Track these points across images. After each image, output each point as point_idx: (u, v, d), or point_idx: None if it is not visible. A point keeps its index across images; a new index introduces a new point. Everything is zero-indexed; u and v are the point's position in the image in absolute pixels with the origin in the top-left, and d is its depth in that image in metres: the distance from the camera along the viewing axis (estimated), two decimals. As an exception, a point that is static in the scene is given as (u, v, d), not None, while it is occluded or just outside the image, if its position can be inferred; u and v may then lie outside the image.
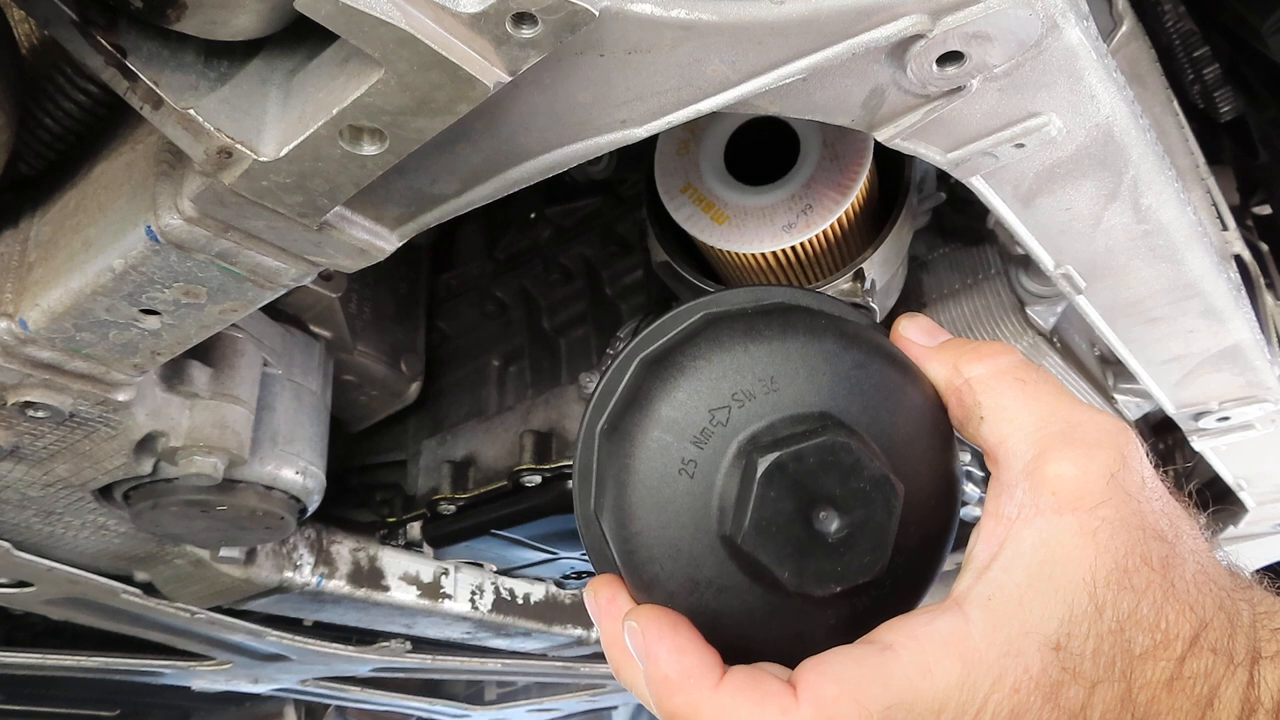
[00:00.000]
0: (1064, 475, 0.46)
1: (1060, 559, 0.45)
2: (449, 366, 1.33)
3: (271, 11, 0.49)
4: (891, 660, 0.45)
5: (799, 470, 0.47)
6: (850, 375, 0.50)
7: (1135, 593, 0.45)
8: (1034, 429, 0.48)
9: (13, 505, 0.96)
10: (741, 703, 0.45)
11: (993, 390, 0.50)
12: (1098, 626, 0.45)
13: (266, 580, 1.23)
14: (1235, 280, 0.85)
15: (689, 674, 0.46)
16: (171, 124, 0.52)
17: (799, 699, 0.45)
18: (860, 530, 0.47)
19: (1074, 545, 0.45)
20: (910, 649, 0.45)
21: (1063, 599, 0.45)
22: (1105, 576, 0.45)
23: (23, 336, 0.69)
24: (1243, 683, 0.45)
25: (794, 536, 0.47)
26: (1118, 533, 0.46)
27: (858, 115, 0.58)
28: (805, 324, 0.50)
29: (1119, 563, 0.45)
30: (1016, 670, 0.44)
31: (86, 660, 1.61)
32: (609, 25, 0.49)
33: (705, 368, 0.49)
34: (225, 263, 0.64)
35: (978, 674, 0.44)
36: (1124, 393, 1.12)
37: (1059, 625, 0.45)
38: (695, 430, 0.49)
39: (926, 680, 0.44)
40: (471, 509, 1.17)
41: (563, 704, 2.50)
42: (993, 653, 0.45)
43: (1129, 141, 0.63)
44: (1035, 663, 0.45)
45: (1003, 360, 0.51)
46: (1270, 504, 1.31)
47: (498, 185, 0.62)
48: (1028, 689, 0.44)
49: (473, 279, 1.35)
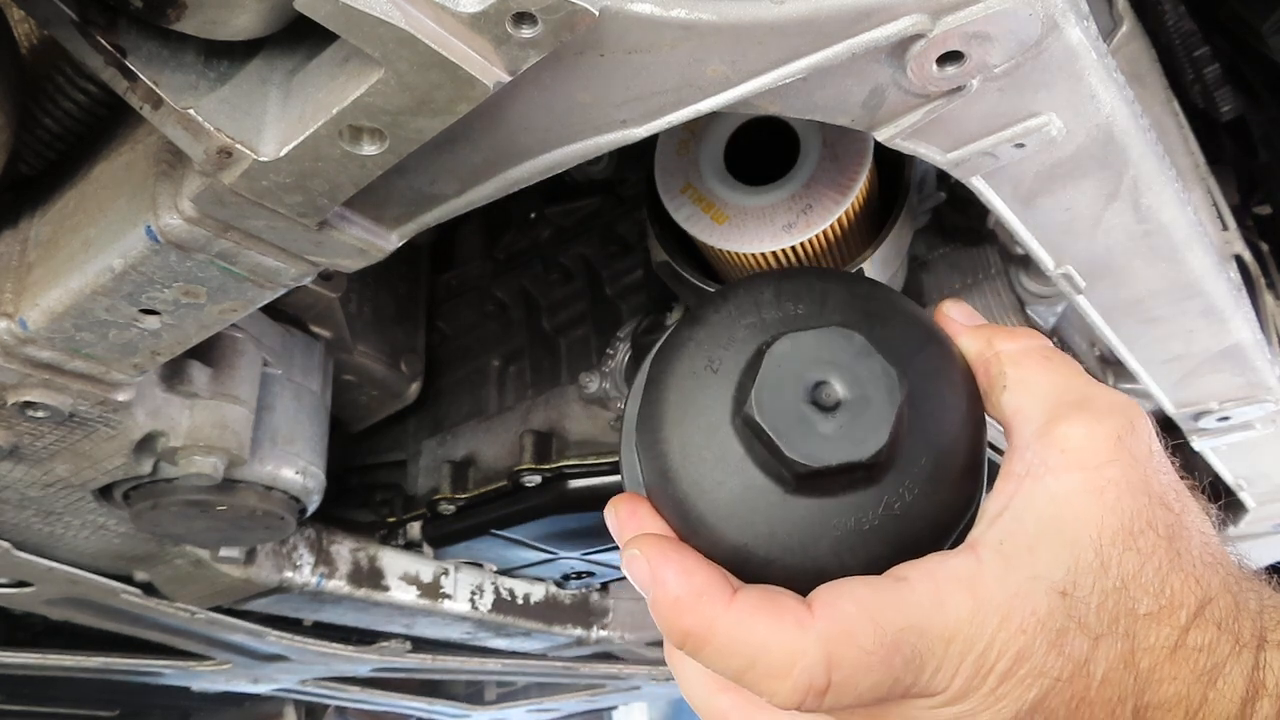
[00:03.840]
0: (1073, 435, 0.48)
1: (1068, 513, 0.47)
2: (449, 366, 1.33)
3: (271, 11, 0.49)
4: (906, 590, 0.46)
5: (806, 351, 0.50)
6: (879, 316, 0.53)
7: (1140, 554, 0.46)
8: (1050, 397, 0.51)
9: (13, 505, 0.96)
10: (758, 617, 0.45)
11: (1018, 363, 0.53)
12: (1102, 582, 0.46)
13: (266, 580, 1.23)
14: (1235, 280, 0.85)
15: (699, 592, 0.46)
16: (171, 124, 0.52)
17: (815, 614, 0.45)
18: (861, 410, 0.49)
19: (1081, 501, 0.47)
20: (925, 583, 0.46)
21: (1070, 550, 0.46)
22: (1111, 535, 0.46)
23: (22, 336, 0.69)
24: (1248, 665, 0.46)
25: (797, 410, 0.49)
26: (1124, 494, 0.47)
27: (858, 115, 0.58)
28: (843, 277, 0.56)
29: (1124, 523, 0.46)
30: (1024, 611, 0.45)
31: (86, 660, 1.61)
32: (609, 25, 0.49)
33: (744, 293, 0.55)
34: (225, 263, 0.64)
35: (987, 611, 0.45)
36: (1124, 393, 1.12)
37: (1065, 573, 0.46)
38: (725, 336, 0.53)
39: (939, 611, 0.45)
40: (471, 509, 1.17)
41: (563, 704, 2.50)
42: (1002, 593, 0.46)
43: (1129, 141, 0.63)
44: (1042, 606, 0.46)
45: (1032, 341, 0.54)
46: (1270, 504, 1.31)
47: (498, 185, 0.62)
48: (1034, 630, 0.45)
49: (473, 279, 1.35)
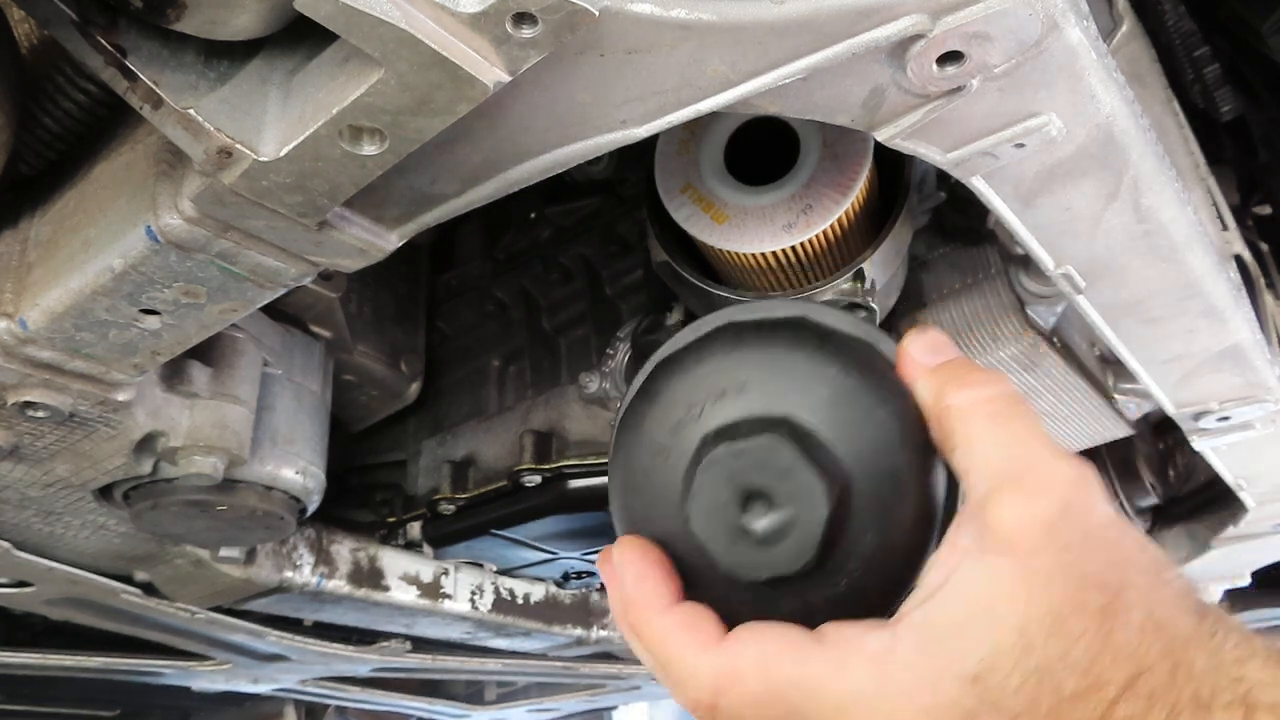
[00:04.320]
0: (1004, 519, 0.48)
1: (996, 598, 0.47)
2: (449, 366, 1.33)
3: (271, 11, 0.49)
4: (814, 650, 0.50)
5: (737, 465, 0.51)
6: (826, 385, 0.53)
7: (1067, 638, 0.46)
8: (991, 465, 0.50)
9: (13, 505, 0.96)
10: (675, 634, 0.52)
11: (967, 420, 0.51)
12: (1023, 664, 0.46)
13: (266, 580, 1.23)
14: (1235, 280, 0.85)
15: (644, 597, 0.53)
16: (171, 124, 0.52)
17: (720, 646, 0.51)
18: (790, 526, 0.51)
19: (1009, 587, 0.47)
20: (836, 650, 0.49)
21: (990, 637, 0.47)
22: (1039, 620, 0.47)
23: (23, 336, 0.69)
24: None
25: (729, 524, 0.52)
26: (1054, 580, 0.47)
27: (858, 115, 0.58)
28: (796, 335, 0.54)
29: (1052, 609, 0.47)
30: (927, 695, 0.47)
31: (86, 660, 1.61)
32: (609, 25, 0.49)
33: (694, 369, 0.55)
34: (225, 263, 0.64)
35: (889, 690, 0.48)
36: (1124, 393, 1.12)
37: (980, 660, 0.47)
38: (672, 422, 0.54)
39: (836, 679, 0.49)
40: (471, 509, 1.17)
41: (563, 704, 2.50)
42: (909, 675, 0.48)
43: (1129, 141, 0.63)
44: (951, 691, 0.47)
45: (985, 391, 0.52)
46: (1270, 504, 1.31)
47: (498, 185, 0.62)
48: (939, 713, 0.47)
49: (473, 279, 1.35)
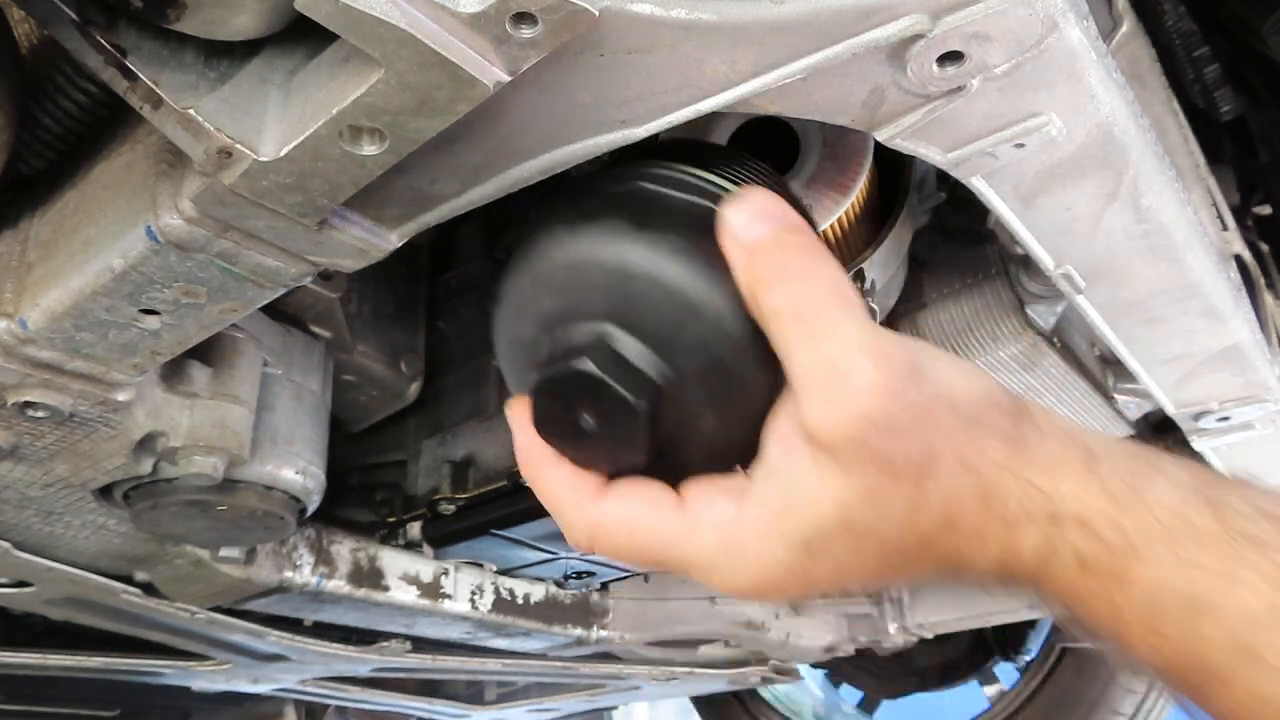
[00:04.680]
0: (814, 420, 0.53)
1: (819, 480, 0.54)
2: (449, 366, 1.33)
3: (271, 11, 0.49)
4: (672, 511, 0.58)
5: (558, 388, 0.57)
6: (643, 283, 0.55)
7: (884, 503, 0.54)
8: (802, 369, 0.54)
9: (13, 505, 0.96)
10: (561, 486, 0.60)
11: (778, 323, 0.55)
12: (847, 531, 0.54)
13: (266, 580, 1.23)
14: (1235, 280, 0.85)
15: (534, 454, 0.62)
16: (171, 124, 0.52)
17: (595, 501, 0.59)
18: (617, 434, 0.57)
19: (828, 472, 0.54)
20: (691, 513, 0.57)
21: (817, 514, 0.54)
22: (857, 497, 0.53)
23: (23, 336, 0.69)
24: (997, 547, 0.53)
25: (569, 431, 0.58)
26: (866, 465, 0.53)
27: (858, 115, 0.58)
28: (619, 218, 0.56)
29: (867, 485, 0.53)
30: (765, 556, 0.55)
31: (86, 660, 1.61)
32: (609, 25, 0.49)
33: (537, 265, 0.58)
34: (225, 263, 0.64)
35: (732, 550, 0.56)
36: (1124, 393, 1.12)
37: (808, 530, 0.54)
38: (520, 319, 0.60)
39: (689, 538, 0.57)
40: (471, 509, 1.17)
41: (563, 704, 2.50)
42: (748, 538, 0.56)
43: (1129, 141, 0.63)
44: (782, 553, 0.55)
45: (795, 291, 0.54)
46: (1270, 504, 1.31)
47: (498, 185, 0.62)
48: (774, 568, 0.55)
49: (473, 279, 1.35)
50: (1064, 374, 1.02)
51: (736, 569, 0.56)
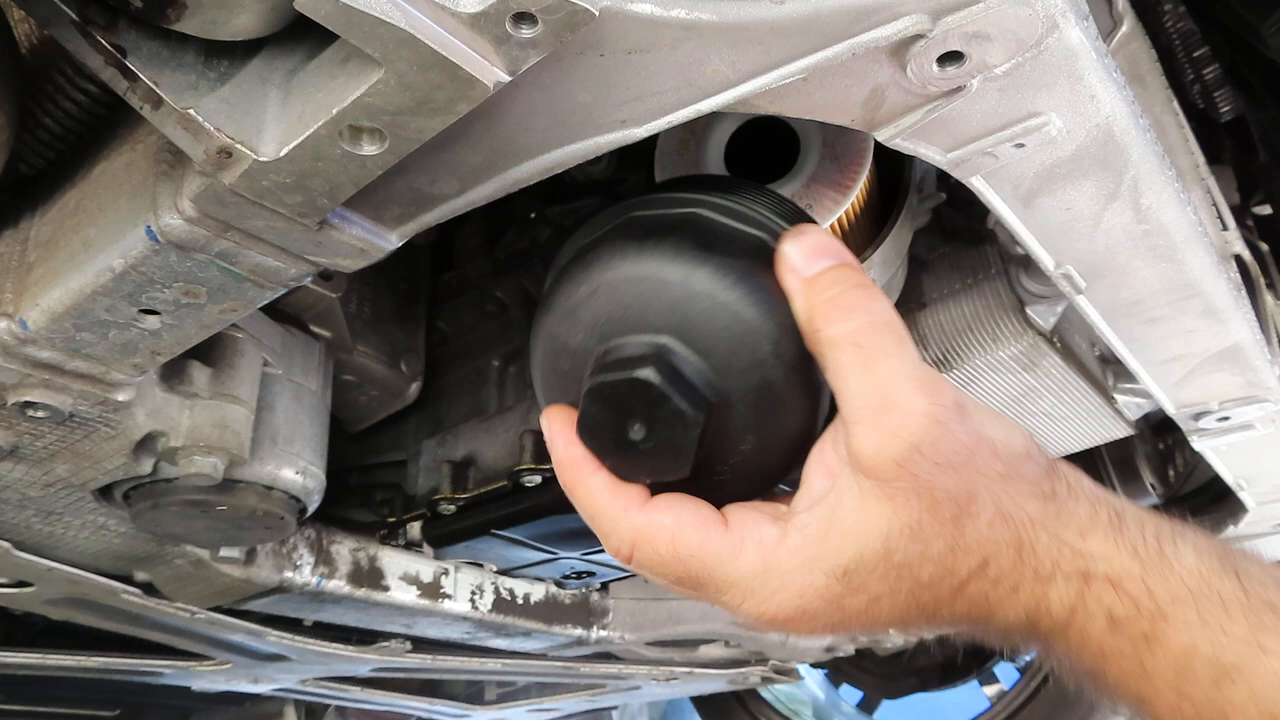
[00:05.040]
0: (864, 450, 0.55)
1: (864, 513, 0.55)
2: (449, 366, 1.33)
3: (271, 11, 0.49)
4: (717, 528, 0.58)
5: (614, 395, 0.58)
6: (702, 302, 0.57)
7: (924, 541, 0.55)
8: (855, 399, 0.55)
9: (13, 505, 0.96)
10: (603, 494, 0.60)
11: (835, 350, 0.56)
12: (885, 563, 0.55)
13: (266, 580, 1.23)
14: (1235, 280, 0.85)
15: (576, 461, 0.61)
16: (171, 124, 0.52)
17: (640, 510, 0.59)
18: (664, 444, 0.58)
19: (874, 504, 0.55)
20: (734, 534, 0.58)
21: (858, 544, 0.55)
22: (899, 531, 0.55)
23: (23, 336, 0.69)
24: (1026, 598, 0.55)
25: (614, 439, 0.59)
26: (910, 500, 0.54)
27: (858, 115, 0.58)
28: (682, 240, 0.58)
29: (911, 521, 0.55)
30: (803, 583, 0.56)
31: (86, 660, 1.61)
32: (609, 25, 0.49)
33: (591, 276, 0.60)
34: (225, 263, 0.64)
35: (771, 575, 0.57)
36: (1124, 393, 1.12)
37: (848, 559, 0.55)
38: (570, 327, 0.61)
39: (730, 561, 0.57)
40: (471, 509, 1.17)
41: (563, 704, 2.50)
42: (789, 564, 0.56)
43: (1129, 141, 0.63)
44: (820, 581, 0.56)
45: (853, 323, 0.56)
46: (1270, 504, 1.31)
47: (498, 185, 0.62)
48: (811, 596, 0.56)
49: (473, 279, 1.35)
50: (1064, 374, 1.02)
51: (774, 593, 0.57)
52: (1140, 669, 0.52)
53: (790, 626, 0.58)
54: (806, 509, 0.58)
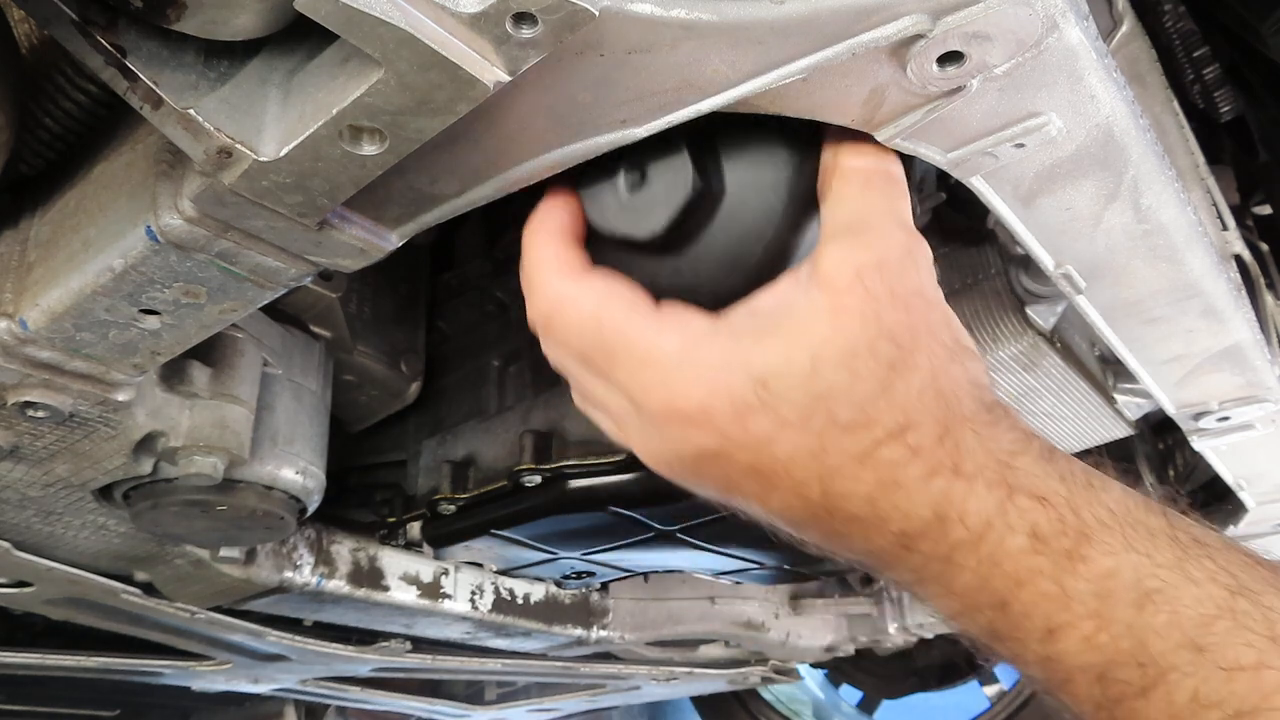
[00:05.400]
0: (828, 259, 0.54)
1: (801, 322, 0.54)
2: (449, 366, 1.33)
3: (271, 11, 0.49)
4: (647, 308, 0.57)
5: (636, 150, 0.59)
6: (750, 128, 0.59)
7: (852, 374, 0.52)
8: (842, 219, 0.56)
9: (13, 505, 0.96)
10: (549, 252, 0.62)
11: (844, 179, 0.57)
12: (809, 386, 0.52)
13: (266, 580, 1.23)
14: (1235, 280, 0.85)
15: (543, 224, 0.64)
16: (171, 124, 0.52)
17: (575, 276, 0.59)
18: (652, 199, 0.59)
19: (813, 316, 0.53)
20: (665, 316, 0.57)
21: (785, 351, 0.53)
22: (831, 351, 0.52)
23: (23, 336, 0.69)
24: (939, 490, 0.51)
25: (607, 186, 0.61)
26: (854, 320, 0.53)
27: (857, 115, 0.58)
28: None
29: (847, 345, 0.52)
30: (717, 380, 0.54)
31: (86, 660, 1.61)
32: (609, 25, 0.49)
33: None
34: (225, 263, 0.64)
35: (688, 362, 0.55)
36: (1124, 393, 1.12)
37: (772, 368, 0.53)
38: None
39: (652, 337, 0.56)
40: (471, 509, 1.17)
41: (563, 704, 2.50)
42: (711, 356, 0.54)
43: (1129, 141, 0.63)
44: (736, 383, 0.53)
45: (872, 163, 0.58)
46: (1270, 504, 1.31)
47: (498, 185, 0.62)
48: (721, 397, 0.53)
49: (473, 279, 1.35)
50: (1064, 374, 1.02)
51: (685, 382, 0.54)
52: (1060, 592, 0.49)
53: (685, 428, 0.55)
54: (745, 315, 0.56)
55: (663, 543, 1.21)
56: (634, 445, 0.61)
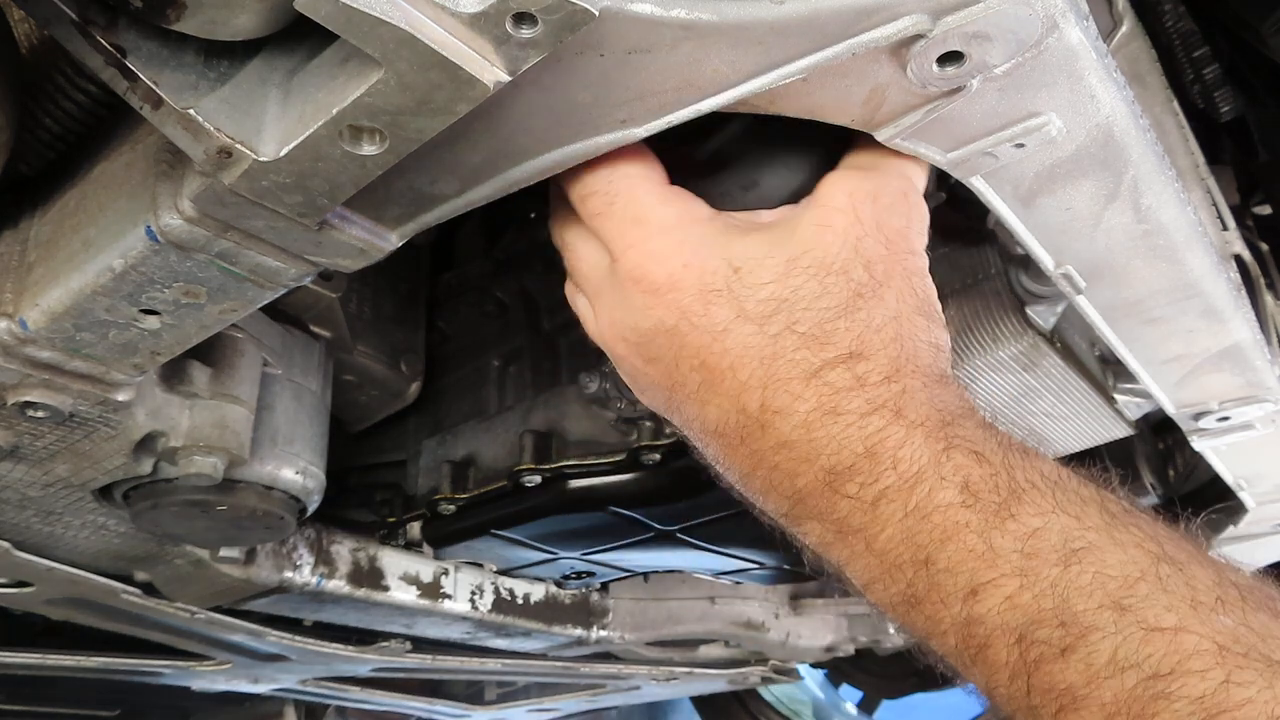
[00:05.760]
0: (829, 183, 0.57)
1: (787, 230, 0.57)
2: (449, 366, 1.33)
3: (271, 11, 0.49)
4: (659, 179, 0.60)
5: None
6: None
7: (821, 287, 0.54)
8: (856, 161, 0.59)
9: (13, 505, 0.96)
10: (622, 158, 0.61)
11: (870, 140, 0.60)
12: (777, 286, 0.54)
13: (266, 580, 1.23)
14: (1235, 280, 0.85)
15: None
16: (171, 124, 0.52)
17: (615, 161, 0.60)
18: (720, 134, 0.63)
19: (799, 228, 0.56)
20: (674, 191, 0.60)
21: (765, 249, 0.56)
22: (806, 261, 0.55)
23: (23, 336, 0.69)
24: (875, 428, 0.52)
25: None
26: (836, 239, 0.55)
27: (857, 115, 0.58)
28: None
29: (822, 260, 0.55)
30: (696, 254, 0.56)
31: (86, 660, 1.61)
32: (609, 25, 0.49)
33: None
34: (225, 263, 0.64)
35: (676, 232, 0.58)
36: (1124, 393, 1.12)
37: (748, 256, 0.55)
38: None
39: (654, 204, 0.58)
40: (471, 509, 1.17)
41: (563, 704, 2.50)
42: (699, 235, 0.57)
43: (1129, 141, 0.63)
44: (711, 263, 0.56)
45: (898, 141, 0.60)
46: (1270, 504, 1.31)
47: (498, 185, 0.62)
48: (693, 270, 0.56)
49: (473, 279, 1.35)
50: (1064, 374, 1.02)
51: (667, 248, 0.57)
52: (986, 549, 0.48)
53: (649, 297, 0.57)
54: (744, 217, 0.60)
55: (663, 543, 1.21)
56: (597, 312, 0.63)
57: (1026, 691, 0.46)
